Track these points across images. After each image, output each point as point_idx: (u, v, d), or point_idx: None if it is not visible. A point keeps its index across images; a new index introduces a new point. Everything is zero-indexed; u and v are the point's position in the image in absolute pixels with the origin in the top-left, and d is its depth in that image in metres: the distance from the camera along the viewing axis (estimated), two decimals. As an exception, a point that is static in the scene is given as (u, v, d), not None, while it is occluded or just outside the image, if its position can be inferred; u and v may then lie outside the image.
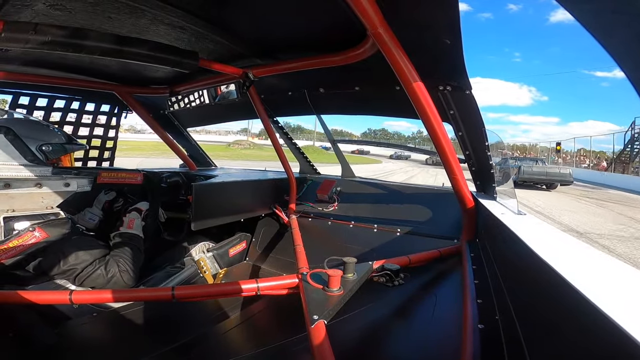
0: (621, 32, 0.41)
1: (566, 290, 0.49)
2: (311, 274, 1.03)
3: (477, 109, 1.37)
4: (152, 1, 1.07)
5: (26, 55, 1.44)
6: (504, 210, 1.26)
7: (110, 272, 1.46)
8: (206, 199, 1.77)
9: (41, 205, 1.47)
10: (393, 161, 32.69)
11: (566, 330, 0.52)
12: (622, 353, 0.37)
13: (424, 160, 26.88)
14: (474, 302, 0.88)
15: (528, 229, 0.93)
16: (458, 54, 1.09)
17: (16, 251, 1.29)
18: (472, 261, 1.21)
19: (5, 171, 1.35)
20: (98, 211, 1.85)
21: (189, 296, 1.16)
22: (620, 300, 0.44)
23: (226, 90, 1.79)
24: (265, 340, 1.33)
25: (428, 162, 26.27)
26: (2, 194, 1.36)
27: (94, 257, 1.45)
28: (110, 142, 2.42)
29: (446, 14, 0.92)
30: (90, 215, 1.81)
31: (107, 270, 1.45)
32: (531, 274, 0.72)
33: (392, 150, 34.28)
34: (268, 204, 2.22)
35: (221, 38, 1.37)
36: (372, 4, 0.88)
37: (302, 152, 2.60)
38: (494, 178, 1.58)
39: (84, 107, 2.20)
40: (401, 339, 1.02)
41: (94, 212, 1.84)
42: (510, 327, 0.70)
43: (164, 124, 2.55)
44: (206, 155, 2.96)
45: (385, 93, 1.64)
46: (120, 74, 1.90)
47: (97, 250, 1.47)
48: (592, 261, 0.67)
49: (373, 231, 1.91)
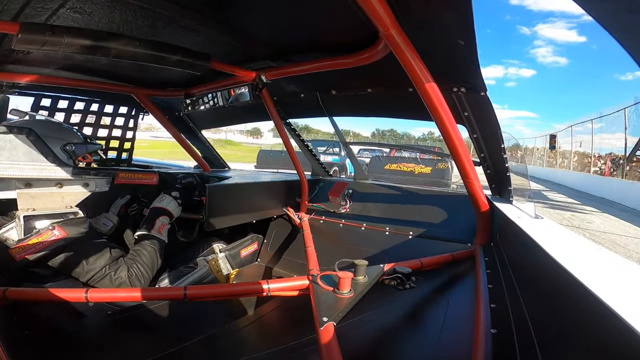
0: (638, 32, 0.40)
1: (585, 296, 0.48)
2: (322, 276, 1.03)
3: (493, 111, 1.34)
4: (168, 4, 1.09)
5: (47, 58, 1.49)
6: (520, 214, 1.23)
7: (119, 278, 1.47)
8: (219, 200, 1.80)
9: (61, 204, 1.51)
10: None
11: (584, 338, 0.50)
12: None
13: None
14: (487, 306, 0.86)
15: (545, 233, 0.90)
16: (472, 54, 1.07)
17: (36, 249, 1.33)
18: (486, 265, 1.19)
19: (28, 171, 1.40)
20: (113, 216, 1.91)
21: (201, 296, 1.18)
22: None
23: (239, 92, 1.81)
24: (274, 341, 1.34)
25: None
26: (23, 193, 1.41)
27: (105, 262, 1.47)
28: (128, 144, 2.48)
29: (459, 14, 0.91)
30: (104, 221, 1.86)
31: (115, 277, 1.47)
32: (548, 280, 0.70)
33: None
34: (280, 205, 2.23)
35: (234, 41, 1.38)
36: (384, 6, 0.88)
37: (314, 154, 2.61)
38: (510, 181, 1.54)
39: (103, 109, 2.26)
40: (411, 343, 1.00)
41: (110, 217, 1.90)
42: (525, 332, 0.68)
43: (179, 125, 2.60)
44: (220, 157, 3.00)
45: (397, 95, 1.63)
46: (138, 77, 1.95)
47: (108, 256, 1.49)
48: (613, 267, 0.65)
49: (385, 234, 1.89)
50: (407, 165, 7.70)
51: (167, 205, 1.80)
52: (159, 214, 1.75)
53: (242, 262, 2.12)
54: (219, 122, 2.87)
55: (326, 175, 2.61)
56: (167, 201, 1.82)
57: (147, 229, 1.70)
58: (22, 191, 1.41)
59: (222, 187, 1.94)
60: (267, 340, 1.46)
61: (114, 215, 1.92)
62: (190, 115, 2.49)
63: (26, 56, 1.45)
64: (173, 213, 1.80)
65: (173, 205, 1.82)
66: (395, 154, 9.06)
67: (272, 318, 1.57)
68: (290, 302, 1.57)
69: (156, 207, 1.79)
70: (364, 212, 2.07)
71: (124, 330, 1.44)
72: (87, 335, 1.36)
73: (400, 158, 8.17)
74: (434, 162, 7.54)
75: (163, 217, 1.75)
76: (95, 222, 1.87)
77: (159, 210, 1.77)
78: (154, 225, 1.71)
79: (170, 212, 1.79)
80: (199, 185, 2.25)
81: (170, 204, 1.82)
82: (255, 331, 1.51)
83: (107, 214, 1.92)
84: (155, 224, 1.71)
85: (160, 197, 1.83)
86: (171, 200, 1.83)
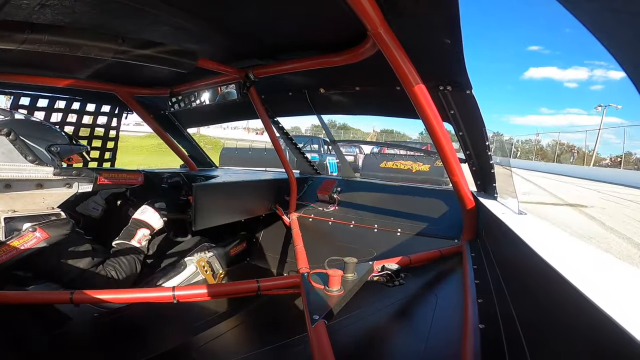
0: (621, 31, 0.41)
1: (567, 290, 0.49)
2: (312, 274, 1.03)
3: (478, 109, 1.36)
4: (154, 2, 1.07)
5: (26, 56, 1.44)
6: (505, 210, 1.26)
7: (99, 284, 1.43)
8: (207, 199, 1.78)
9: (42, 206, 1.47)
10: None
11: (567, 330, 0.52)
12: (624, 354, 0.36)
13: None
14: (475, 302, 0.88)
15: (529, 229, 0.92)
16: (458, 53, 1.09)
17: (18, 251, 1.28)
18: (473, 261, 1.21)
19: (6, 172, 1.35)
20: (101, 200, 1.88)
21: (190, 296, 1.17)
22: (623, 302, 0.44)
23: (226, 90, 1.79)
24: (266, 340, 1.33)
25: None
26: (3, 194, 1.36)
27: (84, 266, 1.43)
28: (112, 143, 2.42)
29: (446, 13, 0.92)
30: (93, 205, 1.84)
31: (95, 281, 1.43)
32: (532, 274, 0.72)
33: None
34: (269, 204, 2.22)
35: (222, 39, 1.37)
36: (372, 4, 0.88)
37: (302, 152, 2.60)
38: (495, 178, 1.58)
39: (85, 108, 2.20)
40: (402, 339, 1.02)
41: (98, 201, 1.87)
42: (511, 327, 0.70)
43: (165, 124, 2.56)
44: (206, 156, 2.96)
45: (385, 93, 1.64)
46: (121, 75, 1.90)
47: (88, 259, 1.45)
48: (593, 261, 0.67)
49: (373, 231, 1.91)
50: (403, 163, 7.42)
51: (147, 219, 1.75)
52: (139, 226, 1.71)
53: (231, 261, 2.11)
54: (206, 120, 2.84)
55: (314, 173, 2.62)
56: (148, 214, 1.76)
57: (126, 238, 1.66)
58: (2, 192, 1.37)
59: (209, 186, 1.92)
60: (257, 340, 1.45)
61: (101, 199, 1.89)
62: (175, 113, 2.45)
63: (5, 54, 1.40)
64: (154, 227, 1.75)
65: (154, 218, 1.77)
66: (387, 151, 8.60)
67: (262, 317, 1.57)
68: (281, 300, 1.57)
69: (136, 220, 1.74)
70: (352, 210, 2.08)
71: (111, 332, 1.42)
72: (73, 338, 1.33)
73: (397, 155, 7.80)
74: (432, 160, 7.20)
75: (143, 229, 1.71)
76: (84, 208, 1.83)
77: (139, 223, 1.73)
78: (134, 236, 1.67)
79: (151, 225, 1.74)
80: (186, 185, 2.22)
81: (152, 217, 1.76)
82: (245, 331, 1.51)
83: (95, 197, 1.88)
84: (135, 235, 1.68)
85: (142, 209, 1.78)
86: (153, 213, 1.78)
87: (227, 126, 36.89)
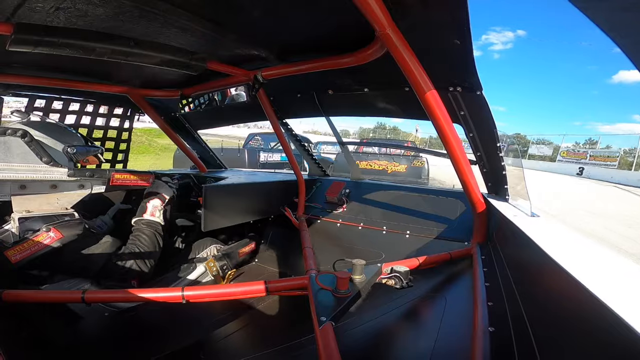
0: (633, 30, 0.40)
1: (582, 294, 0.48)
2: (319, 276, 1.03)
3: (489, 110, 1.35)
4: (164, 5, 1.08)
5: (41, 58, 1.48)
6: (517, 212, 1.23)
7: (127, 263, 1.52)
8: (216, 200, 1.79)
9: (56, 206, 1.50)
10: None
11: (581, 335, 0.50)
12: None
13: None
14: (485, 304, 0.86)
15: (541, 231, 0.91)
16: (468, 54, 1.08)
17: (32, 251, 1.32)
18: (483, 264, 1.19)
19: (22, 173, 1.38)
20: (109, 220, 1.92)
21: (199, 297, 1.17)
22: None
23: (236, 92, 1.80)
24: (273, 341, 1.34)
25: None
26: (18, 195, 1.40)
27: (107, 252, 1.51)
28: (124, 145, 2.46)
29: (455, 14, 0.91)
30: (99, 223, 1.87)
31: (122, 263, 1.51)
32: (545, 277, 0.70)
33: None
34: (277, 205, 2.23)
35: (231, 41, 1.38)
36: (380, 5, 0.88)
37: (311, 154, 2.61)
38: (506, 179, 1.55)
39: (98, 110, 2.24)
40: (410, 341, 1.01)
41: (105, 220, 1.91)
42: (522, 330, 0.69)
43: (175, 126, 2.59)
44: (217, 158, 2.99)
45: (394, 94, 1.63)
46: (134, 77, 1.94)
47: (108, 245, 1.54)
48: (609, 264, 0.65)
49: (382, 233, 1.90)
50: (378, 163, 7.02)
51: (157, 189, 1.81)
52: (148, 199, 1.77)
53: (240, 263, 2.12)
54: (216, 122, 2.86)
55: (323, 175, 2.61)
56: (156, 185, 1.83)
57: (139, 215, 1.73)
58: (17, 193, 1.40)
59: (219, 187, 1.93)
60: (265, 341, 1.45)
61: (109, 219, 1.92)
62: (186, 115, 2.48)
63: (20, 57, 1.44)
64: (165, 195, 1.81)
65: (164, 188, 1.83)
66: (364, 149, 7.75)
67: (270, 318, 1.57)
68: (289, 302, 1.57)
69: (146, 192, 1.81)
70: (361, 212, 2.08)
71: (122, 332, 1.44)
72: (84, 337, 1.35)
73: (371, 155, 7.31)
74: (410, 160, 6.90)
75: (154, 199, 1.77)
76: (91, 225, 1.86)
77: (149, 194, 1.79)
78: (146, 209, 1.73)
79: (161, 194, 1.80)
80: (196, 186, 2.24)
81: (161, 187, 1.83)
82: (253, 332, 1.51)
83: (103, 216, 1.91)
84: (147, 208, 1.74)
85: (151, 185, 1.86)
86: (162, 184, 1.84)
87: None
